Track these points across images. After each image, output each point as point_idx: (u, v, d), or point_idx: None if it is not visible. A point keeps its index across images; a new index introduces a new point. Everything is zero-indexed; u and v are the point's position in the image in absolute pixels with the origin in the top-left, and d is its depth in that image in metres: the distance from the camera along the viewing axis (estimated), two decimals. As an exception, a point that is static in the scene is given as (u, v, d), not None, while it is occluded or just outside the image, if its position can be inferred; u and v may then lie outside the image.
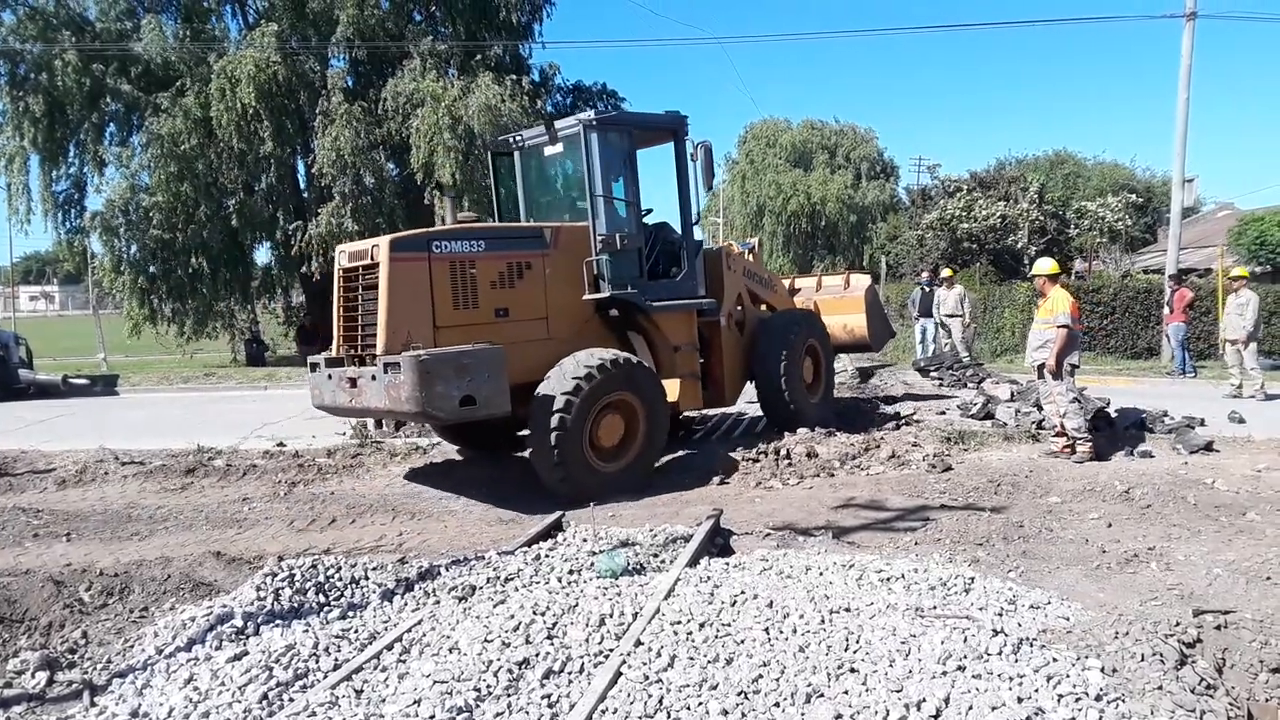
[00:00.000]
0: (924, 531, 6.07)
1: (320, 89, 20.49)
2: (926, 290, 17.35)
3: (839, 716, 3.23)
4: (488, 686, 3.48)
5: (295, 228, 20.49)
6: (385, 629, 4.27)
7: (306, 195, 21.99)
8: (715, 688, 3.46)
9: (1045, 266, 8.89)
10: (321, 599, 4.65)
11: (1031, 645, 3.77)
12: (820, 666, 3.59)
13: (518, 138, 9.16)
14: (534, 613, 4.11)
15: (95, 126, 21.22)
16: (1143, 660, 3.63)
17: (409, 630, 4.16)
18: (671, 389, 8.25)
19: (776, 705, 3.34)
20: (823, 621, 4.01)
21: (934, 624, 3.96)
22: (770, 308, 10.37)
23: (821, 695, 3.39)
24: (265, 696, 3.55)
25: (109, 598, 4.77)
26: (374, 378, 6.85)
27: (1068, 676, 3.46)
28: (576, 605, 4.24)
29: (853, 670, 3.56)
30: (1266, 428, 9.55)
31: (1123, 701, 3.33)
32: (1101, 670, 3.54)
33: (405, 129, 19.89)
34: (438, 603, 4.60)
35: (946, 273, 17.33)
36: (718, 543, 5.80)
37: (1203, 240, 30.44)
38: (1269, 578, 5.01)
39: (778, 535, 5.95)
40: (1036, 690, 3.36)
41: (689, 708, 3.33)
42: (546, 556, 5.31)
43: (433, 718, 3.28)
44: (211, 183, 20.44)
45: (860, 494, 7.21)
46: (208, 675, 3.74)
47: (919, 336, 17.44)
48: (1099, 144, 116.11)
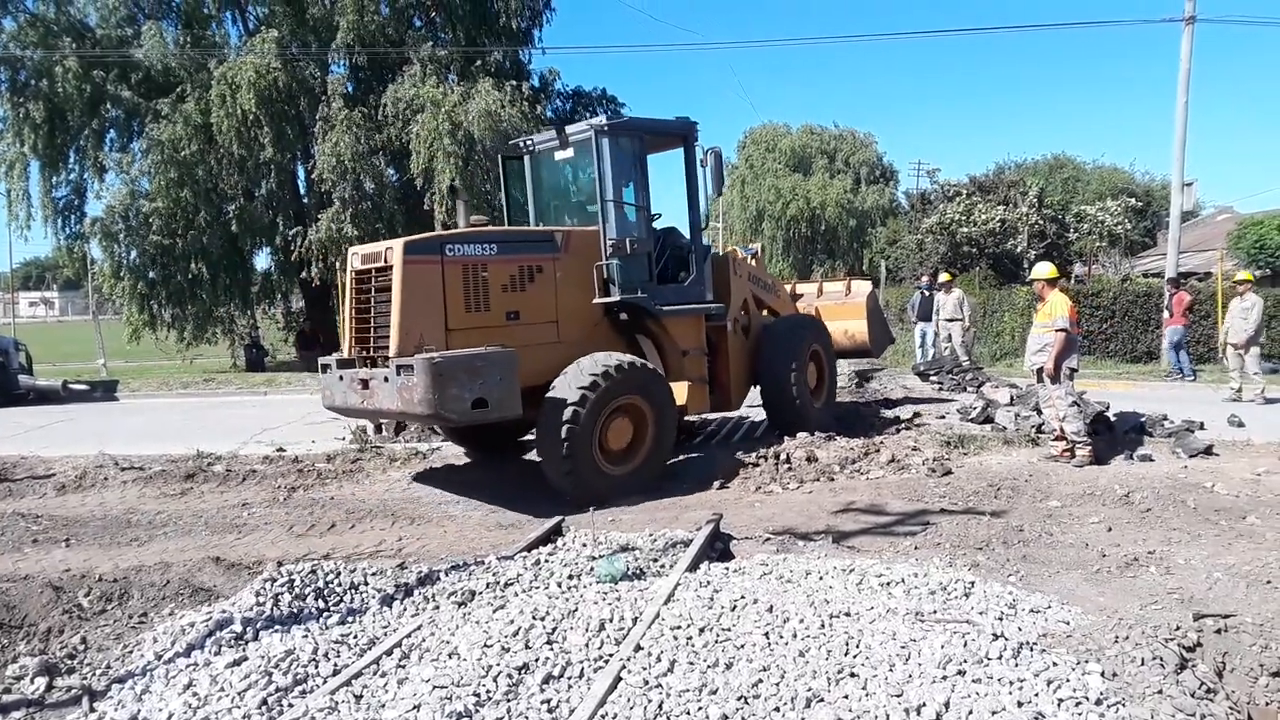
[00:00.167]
0: (924, 536, 6.07)
1: (320, 95, 20.55)
2: (926, 294, 17.37)
3: (839, 721, 3.23)
4: (487, 692, 3.47)
5: (295, 233, 20.54)
6: (384, 634, 4.26)
7: (306, 201, 22.05)
8: (715, 693, 3.45)
9: (1044, 270, 8.91)
10: (321, 604, 4.65)
11: (1031, 649, 3.77)
12: (820, 671, 3.58)
13: (528, 142, 9.17)
14: (533, 618, 4.11)
15: (95, 132, 21.27)
16: (1143, 664, 3.62)
17: (408, 635, 4.15)
18: (679, 392, 8.29)
19: (776, 710, 3.33)
20: (823, 626, 4.00)
21: (934, 628, 3.96)
22: (773, 313, 10.40)
23: (821, 700, 3.39)
24: (264, 702, 3.54)
25: (108, 603, 4.77)
26: (386, 379, 6.85)
27: (1068, 681, 3.46)
28: (576, 610, 4.24)
29: (853, 675, 3.56)
30: (1266, 431, 9.55)
31: (1123, 706, 3.33)
32: (1101, 674, 3.54)
33: (405, 134, 19.94)
34: (437, 608, 4.60)
35: (945, 277, 17.35)
36: (717, 547, 5.80)
37: (1202, 244, 30.46)
38: (1269, 581, 5.01)
39: (777, 540, 5.94)
40: (1036, 695, 3.36)
41: (689, 713, 3.33)
42: (546, 561, 5.30)
43: (432, 723, 3.27)
44: (211, 188, 20.48)
45: (860, 498, 7.20)
46: (207, 681, 3.73)
47: (918, 340, 17.46)
48: (1098, 148, 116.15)
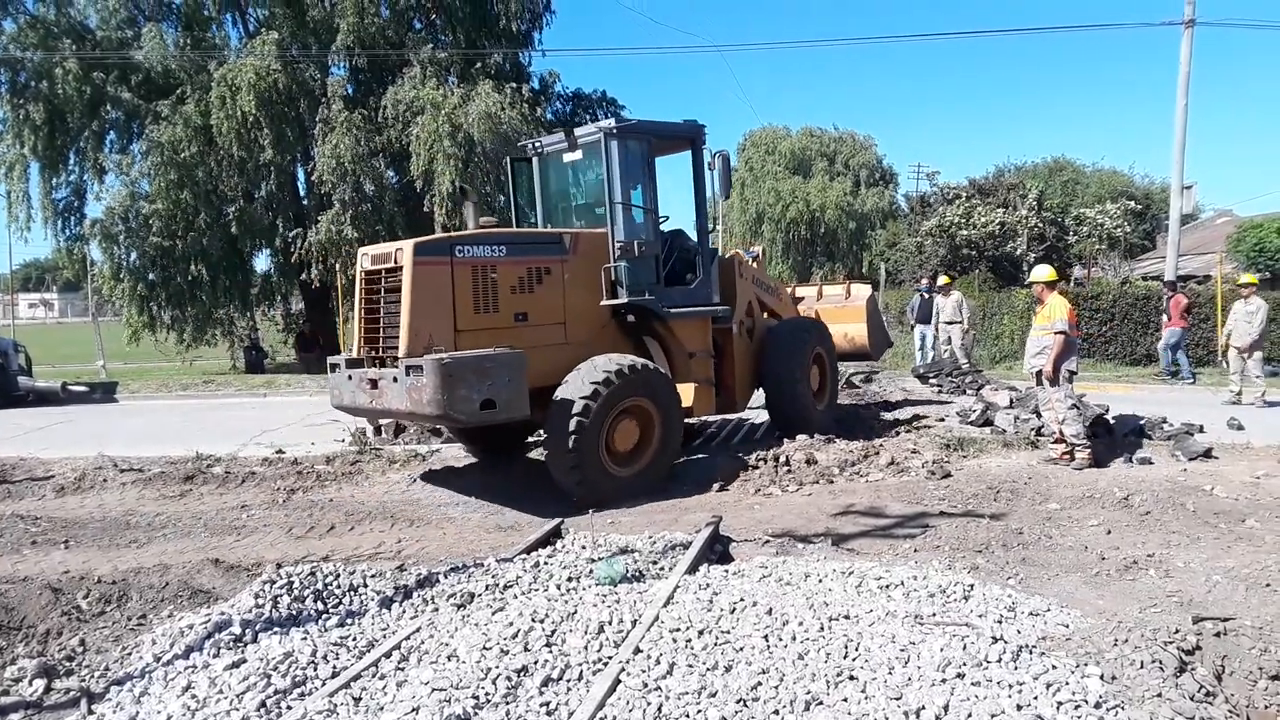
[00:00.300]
0: (923, 538, 6.07)
1: (320, 97, 20.56)
2: (925, 297, 17.39)
3: (838, 724, 3.23)
4: (486, 694, 3.47)
5: (295, 235, 20.54)
6: (384, 636, 4.26)
7: (306, 203, 22.05)
8: (714, 695, 3.45)
9: (1043, 273, 8.91)
10: (320, 606, 4.64)
11: (1031, 652, 3.77)
12: (820, 674, 3.58)
13: (537, 144, 9.20)
14: (533, 620, 4.11)
15: (95, 134, 21.27)
16: (1142, 667, 3.62)
17: (407, 638, 4.15)
18: (686, 394, 8.34)
19: (776, 713, 3.33)
20: (822, 629, 4.00)
21: (933, 631, 3.95)
22: (775, 315, 10.42)
23: (821, 703, 3.39)
24: (263, 704, 3.54)
25: (107, 605, 4.76)
26: (395, 380, 6.89)
27: (1067, 684, 3.46)
28: (575, 612, 4.23)
29: (852, 678, 3.55)
30: (1266, 434, 9.54)
31: (1122, 709, 3.32)
32: (1101, 677, 3.53)
33: (405, 136, 19.94)
34: (436, 610, 4.59)
35: (944, 280, 17.36)
36: (717, 550, 5.80)
37: (1201, 247, 30.49)
38: (1268, 584, 5.00)
39: (777, 542, 5.94)
40: (1036, 698, 3.36)
41: (688, 715, 3.32)
42: (545, 564, 5.30)
43: (431, 726, 3.26)
44: (211, 190, 20.49)
45: (859, 501, 7.20)
46: (206, 683, 3.73)
47: (918, 343, 17.47)
48: (1098, 151, 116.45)
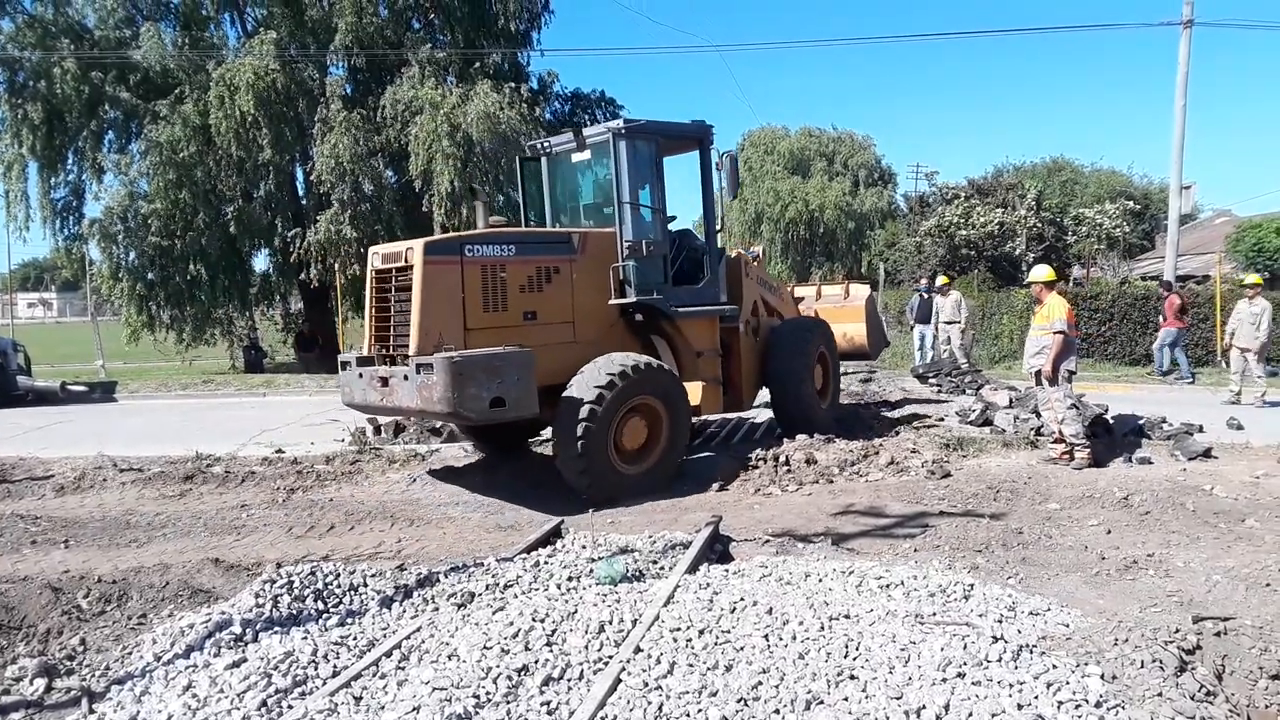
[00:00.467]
0: (923, 538, 6.07)
1: (319, 96, 20.53)
2: (924, 297, 17.41)
3: (839, 723, 3.23)
4: (487, 694, 3.47)
5: (294, 235, 20.52)
6: (384, 636, 4.26)
7: (305, 202, 22.02)
8: (715, 695, 3.45)
9: (1041, 273, 8.92)
10: (320, 606, 4.64)
11: (1031, 652, 3.77)
12: (820, 673, 3.58)
13: (545, 144, 9.25)
14: (533, 619, 4.11)
15: (94, 134, 21.23)
16: (1142, 667, 3.63)
17: (408, 637, 4.15)
18: (694, 393, 8.39)
19: (776, 713, 3.33)
20: (822, 628, 4.00)
21: (934, 631, 3.96)
22: (778, 315, 10.45)
23: (821, 702, 3.39)
24: (264, 704, 3.54)
25: (107, 605, 4.76)
26: (406, 378, 6.95)
27: (1067, 683, 3.46)
28: (576, 612, 4.23)
29: (853, 677, 3.56)
30: (1265, 434, 9.55)
31: (1122, 708, 3.33)
32: (1101, 677, 3.54)
33: (404, 136, 19.93)
34: (436, 609, 4.59)
35: (942, 280, 17.39)
36: (717, 549, 5.80)
37: (1200, 247, 30.54)
38: (1268, 584, 5.01)
39: (777, 542, 5.94)
40: (1036, 697, 3.36)
41: (689, 715, 3.32)
42: (545, 563, 5.30)
43: (432, 725, 3.26)
44: (210, 190, 20.46)
45: (859, 500, 7.20)
46: (206, 682, 3.73)
47: (917, 343, 17.49)
48: (1097, 151, 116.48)
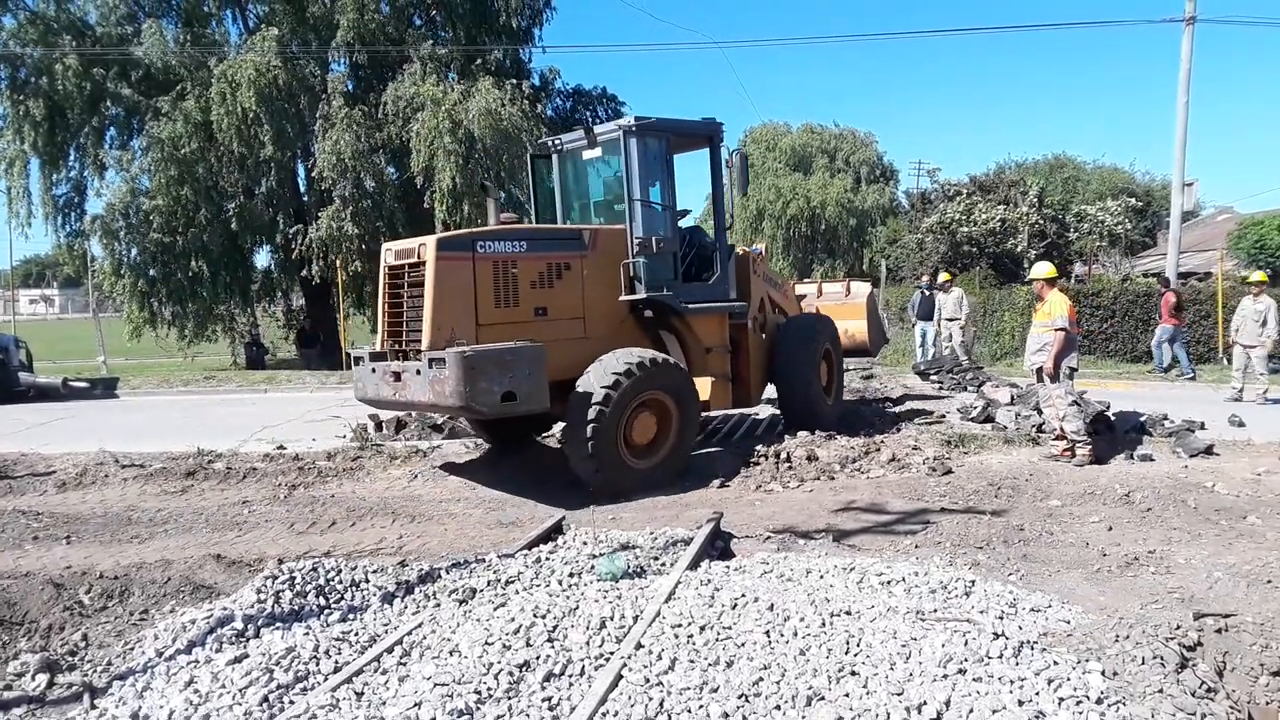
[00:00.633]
0: (924, 535, 6.07)
1: (320, 93, 20.53)
2: (926, 294, 17.41)
3: (840, 719, 3.23)
4: (488, 689, 3.47)
5: (295, 231, 20.53)
6: (385, 632, 4.27)
7: (306, 199, 22.03)
8: (716, 690, 3.45)
9: (1042, 270, 8.91)
10: (322, 602, 4.65)
11: (1032, 648, 3.77)
12: (821, 669, 3.58)
13: (556, 141, 9.31)
14: (534, 615, 4.11)
15: (95, 130, 21.25)
16: (1143, 663, 3.62)
17: (409, 633, 4.15)
18: (703, 388, 8.45)
19: (777, 708, 3.33)
20: (823, 624, 4.00)
21: (935, 627, 3.96)
22: (782, 312, 10.47)
23: (822, 698, 3.39)
24: (265, 699, 3.55)
25: (109, 600, 4.77)
26: (418, 372, 7.01)
27: (1068, 680, 3.46)
28: (577, 608, 4.24)
29: (853, 673, 3.56)
30: (1267, 431, 9.54)
31: (1123, 705, 3.33)
32: (1102, 673, 3.54)
33: (405, 133, 19.93)
34: (438, 605, 4.60)
35: (944, 277, 17.38)
36: (718, 546, 5.80)
37: (1202, 244, 30.49)
38: (1269, 581, 5.01)
39: (778, 538, 5.95)
40: (1037, 693, 3.36)
41: (690, 710, 3.33)
42: (547, 559, 5.31)
43: (433, 720, 3.27)
44: (212, 186, 20.46)
45: (860, 497, 7.21)
46: (208, 678, 3.73)
47: (918, 340, 17.49)
48: (1099, 148, 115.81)
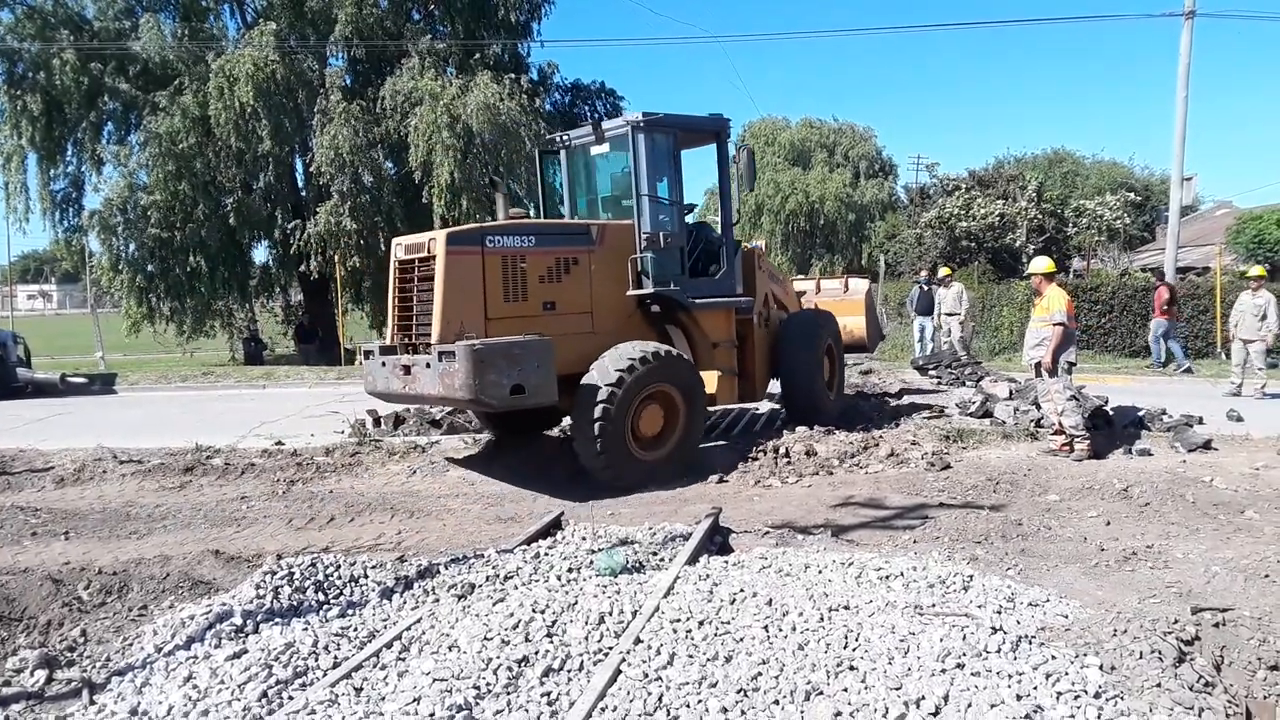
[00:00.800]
0: (923, 529, 6.08)
1: (318, 88, 20.48)
2: (924, 289, 17.41)
3: (838, 714, 3.23)
4: (487, 684, 3.48)
5: (293, 226, 20.51)
6: (384, 627, 4.27)
7: (304, 194, 22.00)
8: (715, 685, 3.46)
9: (1041, 265, 8.91)
10: (320, 597, 4.64)
11: (1030, 643, 3.78)
12: (819, 664, 3.59)
13: (565, 136, 9.35)
14: (533, 611, 4.11)
15: (93, 125, 21.20)
16: (1141, 658, 3.63)
17: (408, 628, 4.16)
18: (709, 382, 8.50)
19: (776, 703, 3.34)
20: (822, 619, 4.01)
21: (933, 622, 3.96)
22: (783, 307, 10.48)
23: (821, 693, 3.39)
24: (265, 694, 3.55)
25: (108, 596, 4.77)
26: (428, 366, 7.06)
27: (1066, 674, 3.46)
28: (576, 603, 4.24)
29: (852, 668, 3.56)
30: (1265, 426, 9.55)
31: (1121, 699, 3.33)
32: (1100, 668, 3.54)
33: (403, 128, 19.89)
34: (437, 601, 4.60)
35: (944, 271, 17.39)
36: (717, 541, 5.81)
37: (1201, 239, 30.52)
38: (1267, 575, 5.01)
39: (777, 533, 5.95)
40: (1035, 688, 3.37)
41: (688, 705, 3.33)
42: (546, 555, 5.31)
43: (432, 715, 3.27)
44: (209, 181, 20.43)
45: (859, 492, 7.21)
46: (207, 673, 3.73)
47: (917, 335, 17.50)
48: (1098, 142, 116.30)
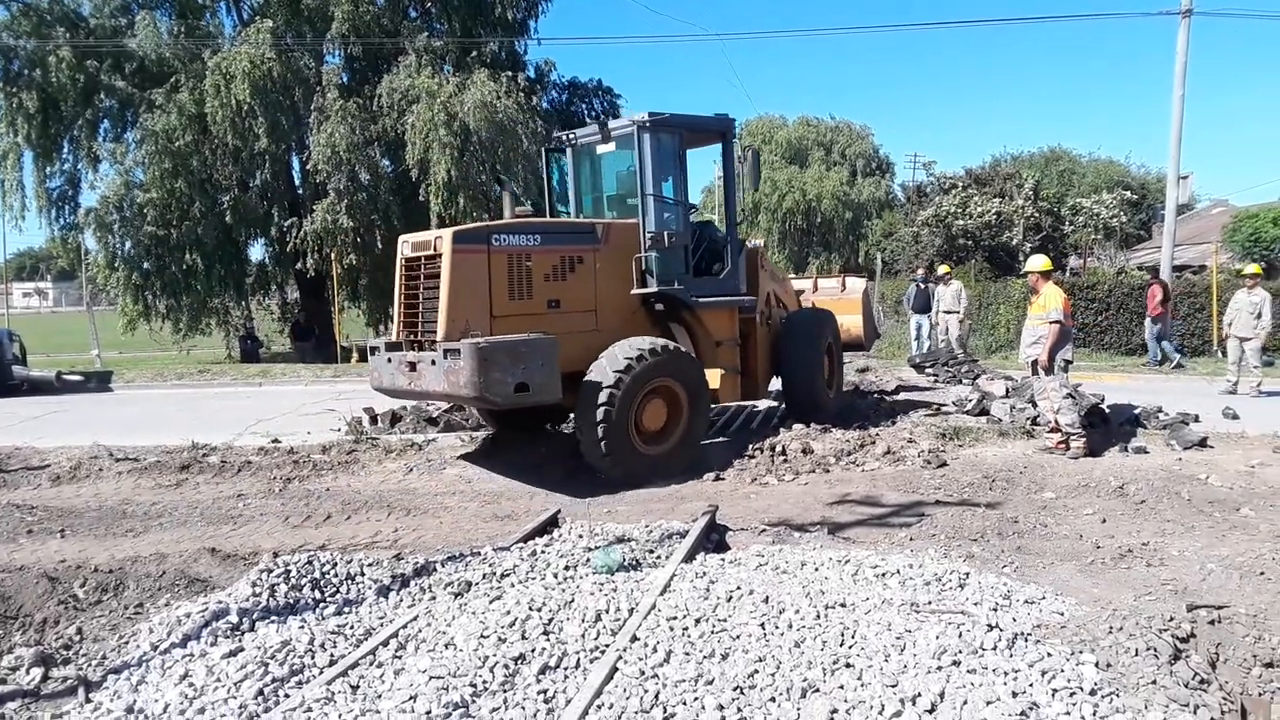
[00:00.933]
0: (919, 527, 6.09)
1: (315, 85, 20.42)
2: (921, 287, 17.42)
3: (834, 711, 3.24)
4: (484, 682, 3.48)
5: (290, 224, 20.45)
6: (381, 625, 4.27)
7: (301, 192, 21.94)
8: (711, 683, 3.46)
9: (1038, 263, 8.93)
10: (317, 595, 4.64)
11: (1026, 640, 3.79)
12: (816, 661, 3.59)
13: (570, 135, 9.38)
14: (530, 608, 4.11)
15: (89, 123, 21.09)
16: (1137, 655, 3.64)
17: (405, 626, 4.16)
18: (713, 380, 8.53)
19: (772, 700, 3.34)
20: (818, 617, 4.02)
21: (929, 619, 3.97)
22: (783, 306, 10.50)
23: (817, 690, 3.40)
24: (261, 693, 3.54)
25: (104, 594, 4.76)
26: (434, 363, 7.09)
27: (1062, 671, 3.47)
28: (572, 601, 4.24)
29: (848, 665, 3.57)
30: (1260, 424, 9.58)
31: (1117, 696, 3.34)
32: (1096, 665, 3.55)
33: (400, 125, 19.83)
34: (433, 599, 4.60)
35: (944, 269, 17.41)
36: (713, 538, 5.81)
37: (1197, 237, 30.59)
38: (1262, 572, 5.03)
39: (773, 531, 5.96)
40: (1031, 685, 3.38)
41: (685, 703, 3.33)
42: (542, 552, 5.31)
43: (429, 713, 3.27)
44: (206, 179, 20.36)
45: (856, 490, 7.22)
46: (203, 671, 3.73)
47: (914, 333, 17.51)
48: (1094, 141, 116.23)
